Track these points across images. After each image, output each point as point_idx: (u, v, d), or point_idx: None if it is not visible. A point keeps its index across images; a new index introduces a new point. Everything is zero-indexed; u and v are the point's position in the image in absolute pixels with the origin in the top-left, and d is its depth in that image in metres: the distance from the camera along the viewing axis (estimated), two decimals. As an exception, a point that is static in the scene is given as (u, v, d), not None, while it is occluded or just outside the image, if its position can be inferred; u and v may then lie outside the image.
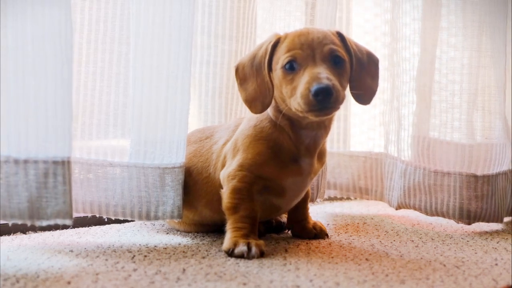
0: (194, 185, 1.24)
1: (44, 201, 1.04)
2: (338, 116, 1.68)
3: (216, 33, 1.45)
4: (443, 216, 1.46)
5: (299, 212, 1.30)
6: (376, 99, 1.69)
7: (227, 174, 1.17)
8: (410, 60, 1.52)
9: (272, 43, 1.14)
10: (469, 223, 1.44)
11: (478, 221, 1.43)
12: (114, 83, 1.24)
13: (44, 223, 1.05)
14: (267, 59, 1.14)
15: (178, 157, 1.22)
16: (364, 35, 1.73)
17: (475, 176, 1.43)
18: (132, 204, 1.21)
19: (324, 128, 1.17)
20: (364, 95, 1.18)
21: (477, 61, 1.47)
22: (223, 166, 1.20)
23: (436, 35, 1.49)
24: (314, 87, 1.03)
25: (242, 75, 1.18)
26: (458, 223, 1.46)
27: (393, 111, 1.58)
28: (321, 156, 1.23)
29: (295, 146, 1.16)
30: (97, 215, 1.23)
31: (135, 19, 1.20)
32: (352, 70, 1.15)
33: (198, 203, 1.25)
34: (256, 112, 1.16)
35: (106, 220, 1.35)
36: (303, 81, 1.06)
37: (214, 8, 1.44)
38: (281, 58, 1.11)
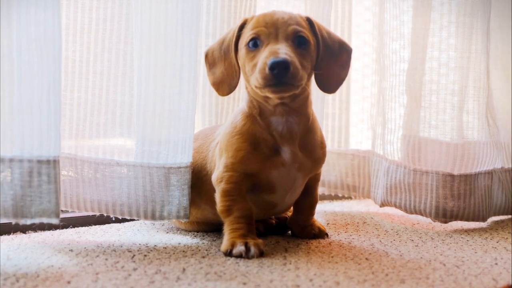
0: (196, 181, 1.24)
1: (28, 199, 1.04)
2: (328, 114, 1.69)
3: (207, 32, 1.45)
4: (421, 214, 1.47)
5: (303, 217, 1.28)
6: (367, 98, 1.71)
7: (215, 178, 1.17)
8: (396, 63, 1.52)
9: (239, 25, 1.16)
10: (445, 222, 1.45)
11: (455, 220, 1.44)
12: (120, 83, 1.25)
13: (29, 221, 1.05)
14: (234, 41, 1.15)
15: (183, 157, 1.22)
16: (363, 34, 1.73)
17: (452, 175, 1.43)
18: (138, 203, 1.21)
19: (295, 113, 1.15)
20: (330, 83, 1.18)
21: (454, 61, 1.47)
22: (215, 165, 1.20)
23: (427, 35, 1.49)
24: (270, 60, 1.04)
25: (211, 60, 1.20)
26: (434, 221, 1.47)
27: (379, 110, 1.59)
28: (311, 151, 1.19)
29: (269, 134, 1.15)
30: (105, 214, 1.24)
31: (140, 18, 1.20)
32: (318, 56, 1.15)
33: (201, 200, 1.25)
34: (223, 95, 1.19)
35: (108, 219, 1.35)
36: (263, 56, 1.07)
37: (204, 7, 1.44)
38: (245, 36, 1.13)
